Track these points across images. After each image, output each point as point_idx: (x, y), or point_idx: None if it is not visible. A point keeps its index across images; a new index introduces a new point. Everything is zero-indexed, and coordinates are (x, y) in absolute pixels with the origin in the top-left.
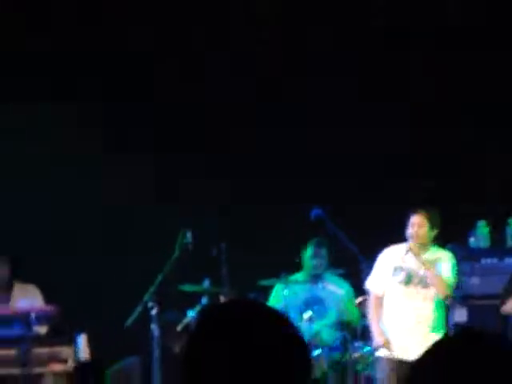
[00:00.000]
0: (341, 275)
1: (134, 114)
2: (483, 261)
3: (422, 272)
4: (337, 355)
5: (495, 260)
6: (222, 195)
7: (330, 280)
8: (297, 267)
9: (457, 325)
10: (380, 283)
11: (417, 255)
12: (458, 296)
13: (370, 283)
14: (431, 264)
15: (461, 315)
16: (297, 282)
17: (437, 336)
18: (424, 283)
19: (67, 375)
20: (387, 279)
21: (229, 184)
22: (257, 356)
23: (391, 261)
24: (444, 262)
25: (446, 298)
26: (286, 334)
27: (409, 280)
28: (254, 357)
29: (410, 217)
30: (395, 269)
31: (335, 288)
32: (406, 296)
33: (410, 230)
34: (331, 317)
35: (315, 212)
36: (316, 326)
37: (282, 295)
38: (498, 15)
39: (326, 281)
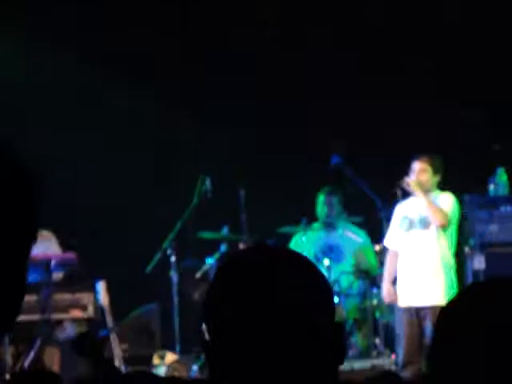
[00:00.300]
0: (358, 223)
1: None
2: (502, 208)
3: (422, 212)
4: (355, 302)
5: None
6: (243, 143)
7: (348, 227)
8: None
9: (476, 272)
10: (394, 238)
11: (415, 189)
12: (476, 243)
13: (387, 240)
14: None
15: (479, 262)
16: (313, 229)
17: (444, 278)
18: (424, 224)
19: (87, 321)
20: (398, 232)
21: (251, 132)
22: (281, 302)
23: (400, 214)
24: (443, 197)
25: (443, 227)
26: (311, 279)
27: (411, 225)
28: (278, 303)
29: (413, 163)
30: (402, 219)
31: (354, 236)
32: (410, 242)
33: (413, 177)
34: (349, 263)
35: (335, 159)
36: (334, 274)
37: (300, 242)
38: None
39: (345, 228)
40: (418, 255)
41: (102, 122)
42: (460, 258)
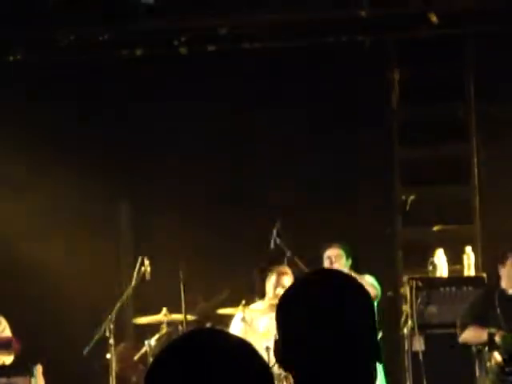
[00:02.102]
0: None
1: None
2: (441, 289)
3: None
4: None
5: (453, 289)
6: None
7: None
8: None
9: (415, 353)
10: None
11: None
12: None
13: None
14: None
15: (419, 344)
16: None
17: None
18: None
19: None
20: None
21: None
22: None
23: None
24: (366, 276)
25: (376, 298)
26: (247, 364)
27: None
28: None
29: (325, 251)
30: None
31: None
32: None
33: (328, 263)
34: None
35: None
36: None
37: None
38: None
39: None
40: None
41: None
42: (398, 339)
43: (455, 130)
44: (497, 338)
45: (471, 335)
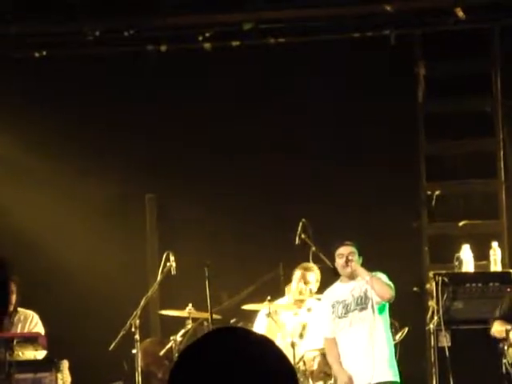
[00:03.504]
0: None
1: None
2: (467, 285)
3: (356, 293)
4: None
5: (479, 284)
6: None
7: None
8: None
9: (441, 349)
10: (331, 327)
11: (357, 268)
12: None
13: (324, 331)
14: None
15: (445, 340)
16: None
17: (387, 353)
18: (361, 304)
19: None
20: (332, 320)
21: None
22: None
23: (330, 301)
24: (379, 274)
25: (390, 300)
26: (271, 361)
27: (346, 309)
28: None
29: (338, 249)
30: (333, 305)
31: None
32: (350, 325)
33: (341, 261)
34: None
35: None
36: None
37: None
38: None
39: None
40: (361, 336)
41: None
42: (424, 335)
43: (482, 124)
44: (511, 335)
45: (494, 329)
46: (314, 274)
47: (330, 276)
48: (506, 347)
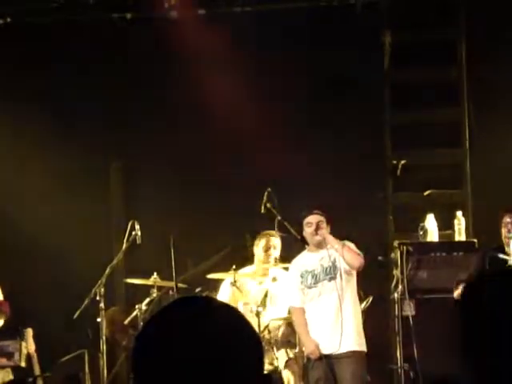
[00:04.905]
0: None
1: None
2: (431, 254)
3: (325, 263)
4: None
5: (444, 254)
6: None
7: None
8: None
9: (405, 318)
10: (297, 296)
11: (327, 237)
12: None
13: (291, 300)
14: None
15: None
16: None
17: (355, 323)
18: (330, 275)
19: (14, 369)
20: (300, 289)
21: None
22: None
23: (298, 271)
24: (347, 242)
25: (360, 269)
26: (237, 329)
27: (316, 279)
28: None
29: (307, 217)
30: (301, 275)
31: None
32: (319, 295)
33: (310, 229)
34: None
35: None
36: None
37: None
38: None
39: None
40: (329, 306)
41: None
42: (388, 304)
43: (447, 93)
44: None
45: (458, 293)
46: (278, 239)
47: (295, 246)
48: None
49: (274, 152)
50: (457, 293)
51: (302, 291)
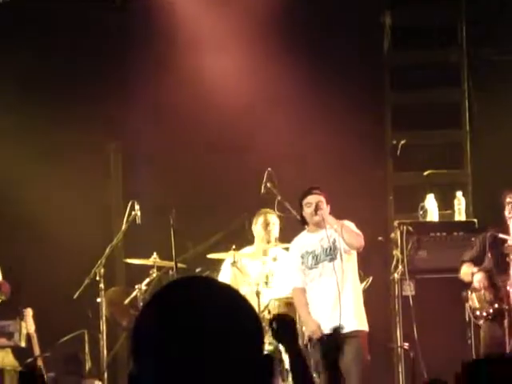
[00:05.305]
0: None
1: None
2: (431, 234)
3: (325, 244)
4: None
5: (444, 234)
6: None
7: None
8: None
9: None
10: (298, 276)
11: (327, 218)
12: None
13: (293, 281)
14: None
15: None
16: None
17: (355, 303)
18: (330, 256)
19: (14, 349)
20: (301, 270)
21: None
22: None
23: (298, 252)
24: (347, 222)
25: (360, 249)
26: (238, 311)
27: (317, 260)
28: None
29: (306, 198)
30: (302, 256)
31: None
32: (320, 276)
33: (310, 209)
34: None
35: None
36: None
37: None
38: None
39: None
40: (330, 286)
41: None
42: (388, 284)
43: (447, 74)
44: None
45: (462, 272)
46: (275, 217)
47: (295, 226)
48: (469, 291)
49: (275, 133)
50: (461, 272)
51: (302, 272)
